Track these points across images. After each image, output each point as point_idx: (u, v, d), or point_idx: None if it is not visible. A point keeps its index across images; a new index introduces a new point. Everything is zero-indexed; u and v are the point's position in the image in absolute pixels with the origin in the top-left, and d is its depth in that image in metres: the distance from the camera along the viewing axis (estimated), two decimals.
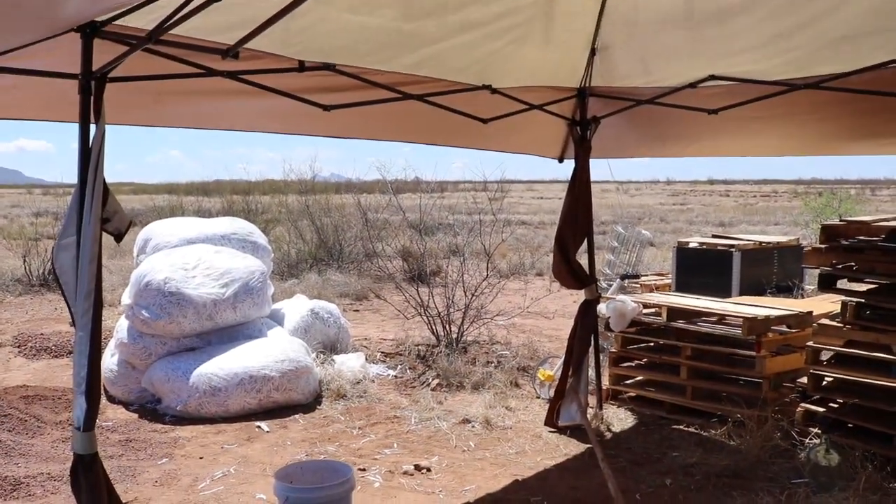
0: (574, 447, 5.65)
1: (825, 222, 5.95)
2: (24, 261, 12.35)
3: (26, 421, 6.09)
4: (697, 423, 5.89)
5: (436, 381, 7.31)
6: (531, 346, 8.31)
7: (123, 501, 3.66)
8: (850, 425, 5.30)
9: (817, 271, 6.60)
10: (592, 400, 6.31)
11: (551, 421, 6.05)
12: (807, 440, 5.25)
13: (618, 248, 8.72)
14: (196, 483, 5.05)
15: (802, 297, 6.99)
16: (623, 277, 7.75)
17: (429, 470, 5.24)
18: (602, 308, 6.30)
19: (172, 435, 6.01)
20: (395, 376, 7.62)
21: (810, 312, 6.02)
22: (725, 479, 4.91)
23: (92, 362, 3.35)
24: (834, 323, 5.42)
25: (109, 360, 6.81)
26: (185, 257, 6.97)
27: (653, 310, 6.48)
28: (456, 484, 5.01)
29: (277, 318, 7.70)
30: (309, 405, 6.68)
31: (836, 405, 5.43)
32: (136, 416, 6.49)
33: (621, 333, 6.53)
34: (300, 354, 6.80)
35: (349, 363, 7.48)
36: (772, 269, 7.23)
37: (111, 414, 6.46)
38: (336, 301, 9.18)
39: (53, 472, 5.14)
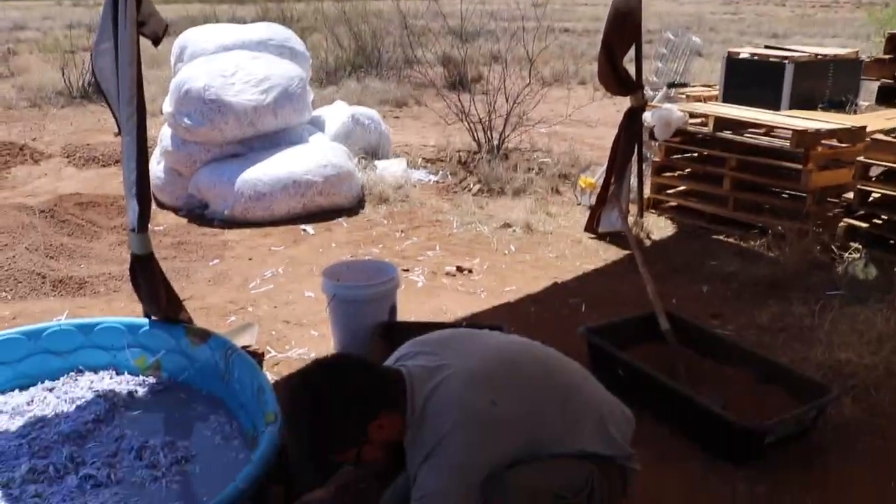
0: (613, 253, 5.73)
1: (892, 31, 5.62)
2: (63, 73, 12.27)
3: (83, 226, 6.30)
4: (737, 234, 5.89)
5: (477, 186, 7.35)
6: (572, 153, 8.23)
7: (181, 297, 3.84)
8: (891, 241, 5.28)
9: (875, 85, 6.34)
10: (633, 208, 6.32)
11: (591, 227, 6.10)
12: (846, 255, 5.24)
13: (666, 55, 8.40)
14: (247, 282, 5.25)
15: (856, 112, 6.72)
16: (670, 86, 7.52)
17: (470, 271, 5.38)
18: (647, 116, 6.16)
19: (221, 238, 6.20)
20: (437, 182, 7.67)
21: (863, 127, 5.81)
22: (762, 288, 4.96)
23: (140, 166, 3.41)
24: (888, 138, 5.26)
25: (156, 168, 6.92)
26: (224, 64, 6.87)
27: (699, 119, 6.32)
28: (497, 285, 5.15)
29: (318, 125, 7.68)
30: (352, 209, 6.80)
31: (879, 221, 5.38)
32: (185, 220, 6.67)
33: (665, 143, 6.42)
34: (342, 159, 6.84)
35: (391, 168, 7.52)
36: (826, 83, 6.89)
37: (161, 219, 6.64)
38: (376, 108, 9.08)
39: (113, 272, 5.37)
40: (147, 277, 3.58)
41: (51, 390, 3.55)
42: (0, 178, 8.00)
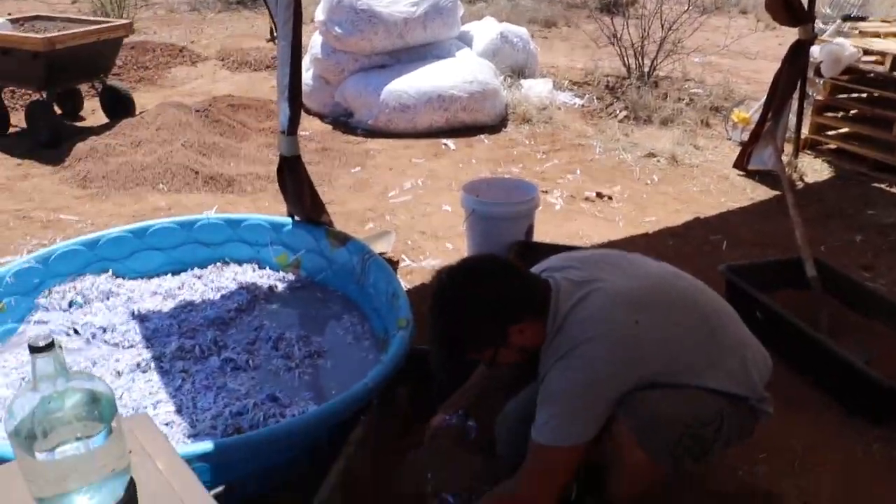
0: (762, 192, 5.44)
1: None
2: None
3: (234, 127, 6.53)
4: None
5: (623, 112, 7.11)
6: (727, 86, 7.79)
7: (324, 201, 3.93)
8: None
9: None
10: (788, 147, 5.94)
11: (741, 164, 5.79)
12: None
13: None
14: (386, 191, 5.33)
15: None
16: (845, 19, 6.95)
17: (610, 198, 5.25)
18: (815, 51, 5.71)
19: (364, 147, 6.29)
20: (582, 105, 7.47)
21: None
22: None
23: (294, 70, 3.47)
24: None
25: (305, 75, 7.03)
26: None
27: (874, 58, 5.81)
28: (636, 214, 5.01)
29: (466, 40, 7.58)
30: (494, 127, 6.73)
31: None
32: (329, 127, 6.80)
33: (832, 80, 5.96)
34: (488, 76, 6.76)
35: (536, 88, 7.37)
36: None
37: (307, 125, 6.78)
38: (525, 26, 8.86)
39: (260, 172, 5.57)
40: (293, 179, 3.67)
41: (199, 278, 3.75)
42: (161, 77, 8.39)
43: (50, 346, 1.23)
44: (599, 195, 5.27)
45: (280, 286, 3.73)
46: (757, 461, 2.64)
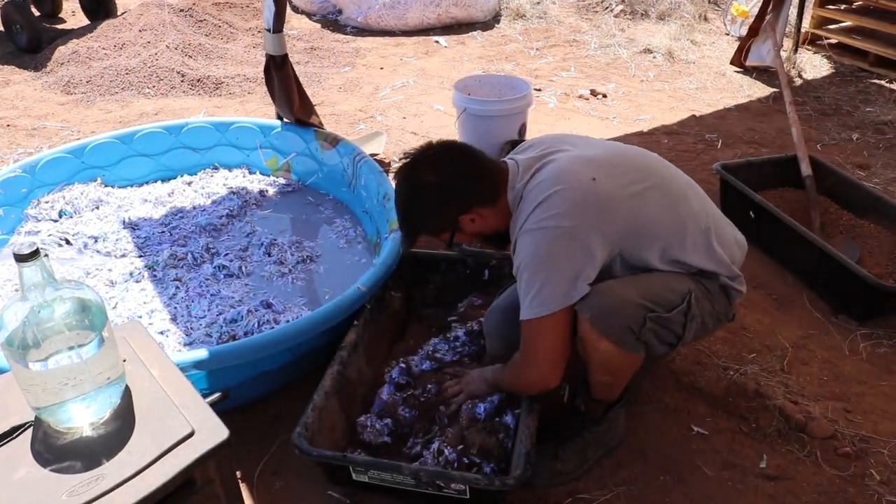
0: (758, 89, 5.34)
1: None
2: None
3: (220, 27, 6.35)
4: None
5: (619, 6, 6.92)
6: None
7: (313, 102, 3.85)
8: None
9: None
10: (787, 42, 5.81)
11: (738, 60, 5.67)
12: None
13: None
14: (377, 91, 5.23)
15: None
16: None
17: (605, 96, 5.16)
18: None
19: (353, 45, 6.14)
20: None
21: None
22: None
23: None
24: None
25: None
26: None
27: None
28: (631, 112, 4.94)
29: None
30: (487, 23, 6.57)
31: None
32: (318, 26, 6.63)
33: None
34: None
35: None
36: None
37: (296, 23, 6.62)
38: None
39: (248, 74, 5.45)
40: (281, 79, 3.59)
41: (189, 184, 3.71)
42: None
43: (35, 253, 1.21)
44: (594, 93, 5.18)
45: (271, 191, 3.69)
46: (747, 360, 2.67)
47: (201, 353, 2.17)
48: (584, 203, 1.91)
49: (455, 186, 2.04)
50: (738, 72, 5.63)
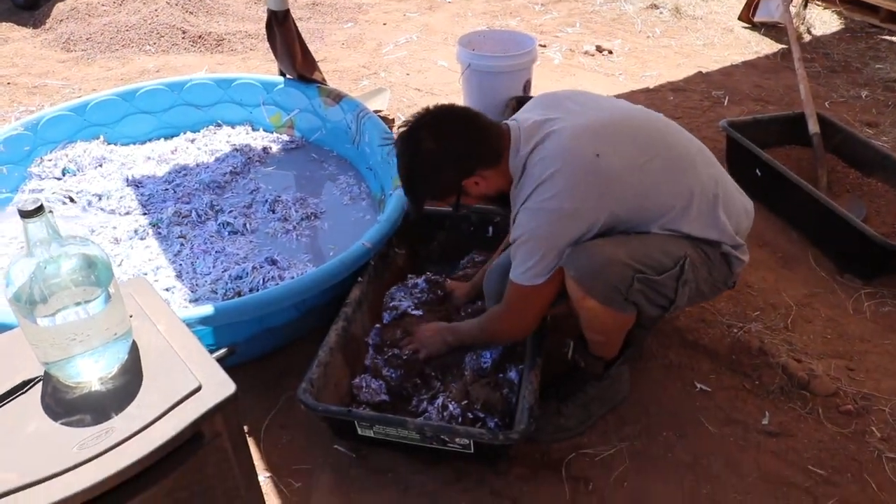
0: (766, 46, 5.28)
1: None
2: None
3: None
4: None
5: None
6: None
7: (315, 58, 3.81)
8: None
9: None
10: None
11: (747, 15, 5.60)
12: None
13: None
14: (380, 47, 5.18)
15: None
16: None
17: (610, 52, 5.11)
18: None
19: (357, 1, 6.07)
20: None
21: None
22: None
23: None
24: None
25: None
26: None
27: None
28: (637, 69, 4.89)
29: None
30: None
31: None
32: None
33: None
34: None
35: None
36: None
37: None
38: None
39: (250, 30, 5.39)
40: (283, 35, 3.55)
41: (192, 141, 3.70)
42: None
43: (39, 209, 1.21)
44: (599, 49, 5.13)
45: (274, 147, 3.67)
46: (751, 318, 2.68)
47: (207, 310, 2.18)
48: (586, 182, 1.91)
49: (456, 150, 2.02)
50: (745, 27, 5.56)
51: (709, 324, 2.64)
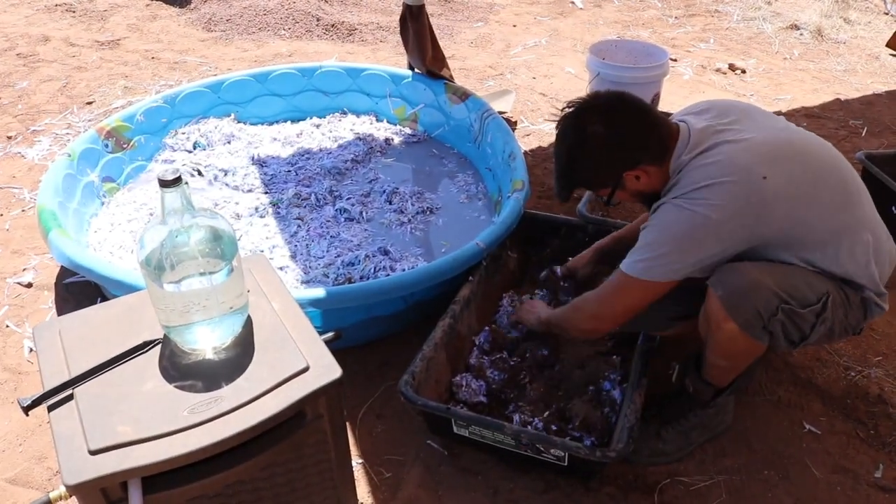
0: None
1: None
2: None
3: None
4: None
5: None
6: None
7: (445, 55, 3.84)
8: None
9: None
10: None
11: None
12: None
13: None
14: (508, 49, 5.17)
15: None
16: None
17: (744, 72, 4.94)
18: None
19: (488, 1, 6.08)
20: None
21: None
22: None
23: None
24: None
25: None
26: None
27: None
28: (770, 91, 4.71)
29: None
30: None
31: None
32: None
33: None
34: None
35: None
36: None
37: None
38: None
39: (381, 22, 5.48)
40: (416, 30, 3.59)
41: (317, 126, 3.78)
42: None
43: (178, 180, 1.26)
44: (732, 67, 4.97)
45: (396, 139, 3.72)
46: (871, 363, 2.54)
47: (319, 292, 2.22)
48: (745, 203, 1.81)
49: (624, 139, 1.93)
50: (894, 55, 5.28)
51: (824, 363, 2.52)
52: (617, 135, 1.91)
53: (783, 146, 1.91)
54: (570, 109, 1.98)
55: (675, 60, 5.00)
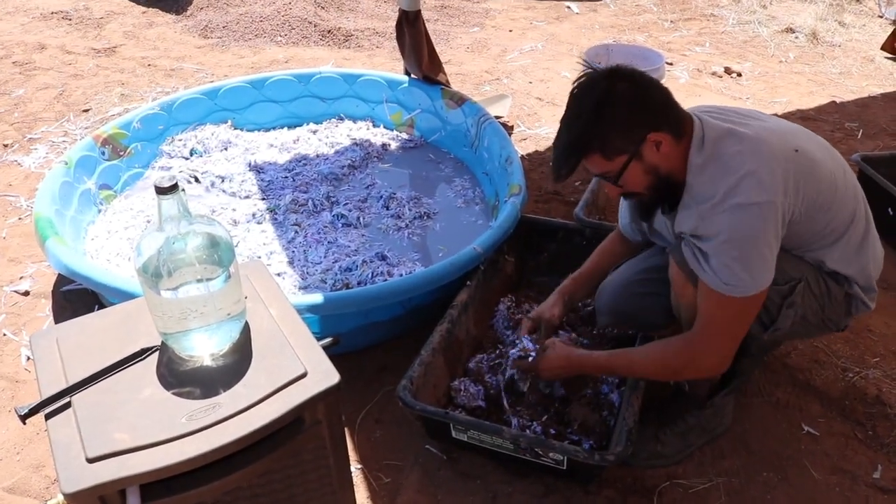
0: None
1: None
2: None
3: None
4: None
5: None
6: None
7: (441, 60, 3.85)
8: None
9: None
10: None
11: (891, 45, 5.33)
12: None
13: None
14: (504, 54, 5.18)
15: None
16: None
17: (739, 75, 4.95)
18: None
19: (484, 6, 6.09)
20: None
21: None
22: None
23: None
24: None
25: None
26: None
27: None
28: (766, 94, 4.73)
29: None
30: None
31: None
32: None
33: None
34: None
35: None
36: None
37: None
38: None
39: (378, 28, 5.49)
40: (412, 35, 3.59)
41: (314, 132, 3.79)
42: None
43: (174, 187, 1.25)
44: (728, 71, 4.98)
45: (393, 145, 3.72)
46: (870, 364, 2.54)
47: (317, 298, 2.22)
48: (791, 175, 1.76)
49: (651, 100, 1.81)
50: (889, 58, 5.30)
51: (822, 365, 2.52)
52: (645, 94, 1.80)
53: (796, 131, 1.91)
54: (587, 75, 1.84)
55: (671, 64, 5.01)
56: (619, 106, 1.77)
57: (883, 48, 5.38)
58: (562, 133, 1.86)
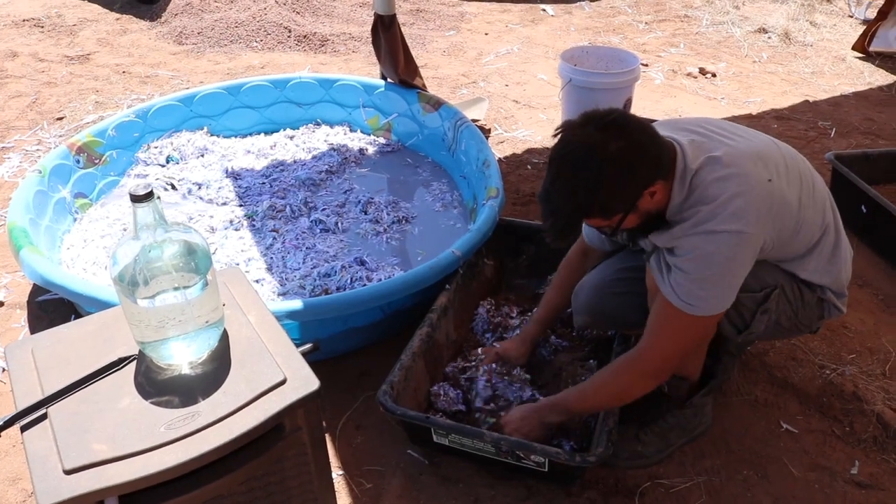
0: (880, 77, 5.07)
1: None
2: None
3: None
4: None
5: None
6: None
7: (417, 64, 3.85)
8: None
9: None
10: None
11: (862, 44, 5.40)
12: None
13: None
14: (480, 57, 5.19)
15: None
16: None
17: (714, 75, 4.99)
18: None
19: (459, 10, 6.10)
20: None
21: None
22: None
23: None
24: None
25: None
26: None
27: None
28: (740, 94, 4.77)
29: None
30: None
31: None
32: None
33: None
34: None
35: None
36: None
37: None
38: None
39: (354, 32, 5.48)
40: (388, 39, 3.60)
41: (291, 138, 3.77)
42: None
43: (149, 195, 1.25)
44: (702, 71, 5.02)
45: (371, 149, 3.72)
46: (846, 361, 2.57)
47: (296, 304, 2.21)
48: (764, 205, 1.79)
49: (645, 153, 1.77)
50: (859, 57, 5.36)
51: (800, 362, 2.54)
52: (639, 150, 1.76)
53: (769, 152, 1.91)
54: (574, 132, 1.78)
55: (647, 65, 5.04)
56: (617, 171, 1.73)
57: (854, 48, 5.44)
58: (559, 199, 1.79)
